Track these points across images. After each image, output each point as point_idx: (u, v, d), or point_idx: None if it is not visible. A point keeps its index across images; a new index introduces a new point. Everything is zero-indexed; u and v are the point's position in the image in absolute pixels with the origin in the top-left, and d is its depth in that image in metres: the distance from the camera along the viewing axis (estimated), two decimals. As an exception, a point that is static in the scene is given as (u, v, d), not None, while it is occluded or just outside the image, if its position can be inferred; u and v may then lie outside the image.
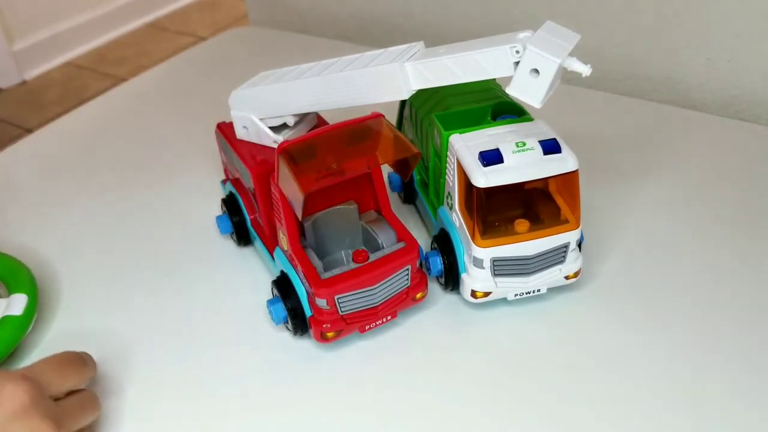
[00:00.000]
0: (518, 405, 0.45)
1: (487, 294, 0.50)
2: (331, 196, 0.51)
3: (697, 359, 0.47)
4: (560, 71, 0.42)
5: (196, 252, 0.59)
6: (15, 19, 2.05)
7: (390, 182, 0.63)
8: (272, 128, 0.55)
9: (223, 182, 0.62)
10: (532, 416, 0.44)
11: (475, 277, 0.49)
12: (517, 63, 0.42)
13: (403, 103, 0.61)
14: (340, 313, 0.47)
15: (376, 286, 0.47)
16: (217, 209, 0.62)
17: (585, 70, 0.42)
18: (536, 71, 0.41)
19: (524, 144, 0.46)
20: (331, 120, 0.55)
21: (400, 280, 0.48)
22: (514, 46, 0.42)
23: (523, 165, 0.46)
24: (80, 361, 0.43)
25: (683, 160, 0.67)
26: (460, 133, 0.49)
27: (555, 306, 0.52)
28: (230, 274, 0.57)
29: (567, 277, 0.50)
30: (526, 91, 0.42)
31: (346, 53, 0.52)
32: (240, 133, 0.56)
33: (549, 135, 0.48)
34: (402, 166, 0.49)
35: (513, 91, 0.43)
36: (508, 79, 0.43)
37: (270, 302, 0.49)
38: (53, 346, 0.50)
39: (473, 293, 0.50)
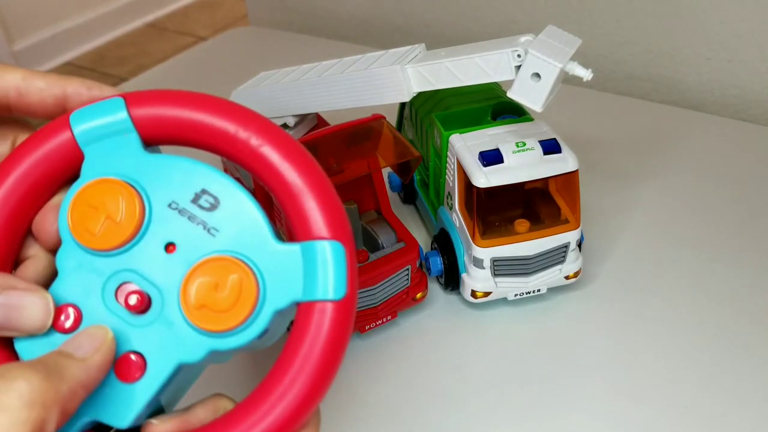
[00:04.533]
0: (518, 404, 0.45)
1: (487, 294, 0.50)
2: (332, 197, 0.51)
3: (697, 359, 0.47)
4: (561, 75, 0.42)
5: (196, 252, 0.59)
6: (15, 19, 2.05)
7: (390, 182, 0.63)
8: (272, 128, 0.55)
9: (224, 182, 0.61)
10: (532, 416, 0.44)
11: (475, 277, 0.49)
12: (518, 67, 0.42)
13: (403, 103, 0.61)
14: (341, 313, 0.47)
15: (376, 286, 0.47)
16: (217, 209, 0.61)
17: (586, 74, 0.42)
18: (537, 75, 0.41)
19: (524, 144, 0.46)
20: (332, 120, 0.55)
21: (400, 280, 0.48)
22: (516, 50, 0.42)
23: (523, 165, 0.46)
24: None
25: (683, 160, 0.67)
26: (460, 133, 0.49)
27: (555, 306, 0.52)
28: (230, 274, 0.57)
29: (567, 277, 0.51)
30: (527, 94, 0.42)
31: (347, 53, 0.52)
32: (240, 134, 0.56)
33: (549, 135, 0.48)
34: (402, 169, 0.49)
35: (514, 95, 0.43)
36: (510, 82, 0.43)
37: (270, 302, 0.49)
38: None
39: (473, 293, 0.50)
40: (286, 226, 0.48)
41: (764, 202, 0.61)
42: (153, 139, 0.28)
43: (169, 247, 0.26)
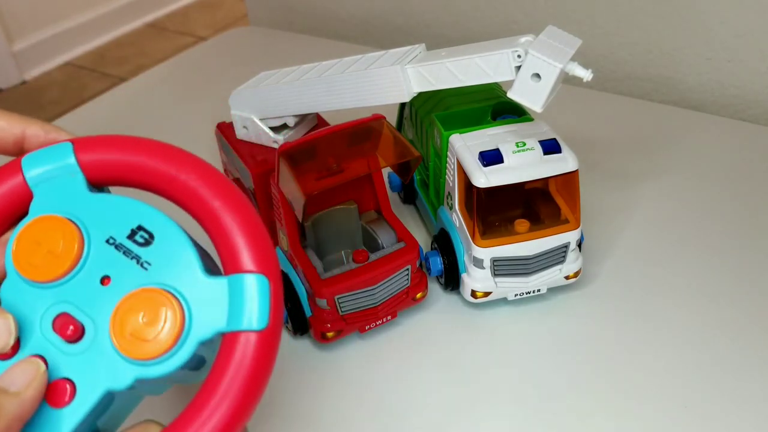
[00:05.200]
0: (518, 405, 0.45)
1: (487, 294, 0.50)
2: (331, 196, 0.51)
3: (697, 359, 0.47)
4: (562, 75, 0.42)
5: (196, 252, 0.59)
6: (15, 19, 2.05)
7: (390, 182, 0.63)
8: (272, 128, 0.55)
9: (224, 182, 0.61)
10: (531, 415, 0.44)
11: (475, 277, 0.49)
12: (518, 67, 0.42)
13: (403, 103, 0.61)
14: (340, 313, 0.47)
15: (376, 286, 0.47)
16: (217, 209, 0.61)
17: (586, 75, 0.42)
18: (538, 76, 0.41)
19: (524, 144, 0.46)
20: (332, 120, 0.55)
21: (400, 280, 0.48)
22: (516, 51, 0.42)
23: (523, 165, 0.46)
24: None
25: (683, 160, 0.67)
26: (460, 133, 0.49)
27: (555, 306, 0.52)
28: (230, 274, 0.57)
29: (567, 277, 0.51)
30: (527, 95, 0.42)
31: (347, 53, 0.52)
32: (240, 133, 0.56)
33: (549, 135, 0.48)
34: (402, 169, 0.49)
35: (514, 95, 0.43)
36: (510, 82, 0.43)
37: (270, 302, 0.49)
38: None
39: (473, 293, 0.50)
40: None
41: (764, 202, 0.61)
42: (98, 180, 0.30)
43: (105, 279, 0.28)
